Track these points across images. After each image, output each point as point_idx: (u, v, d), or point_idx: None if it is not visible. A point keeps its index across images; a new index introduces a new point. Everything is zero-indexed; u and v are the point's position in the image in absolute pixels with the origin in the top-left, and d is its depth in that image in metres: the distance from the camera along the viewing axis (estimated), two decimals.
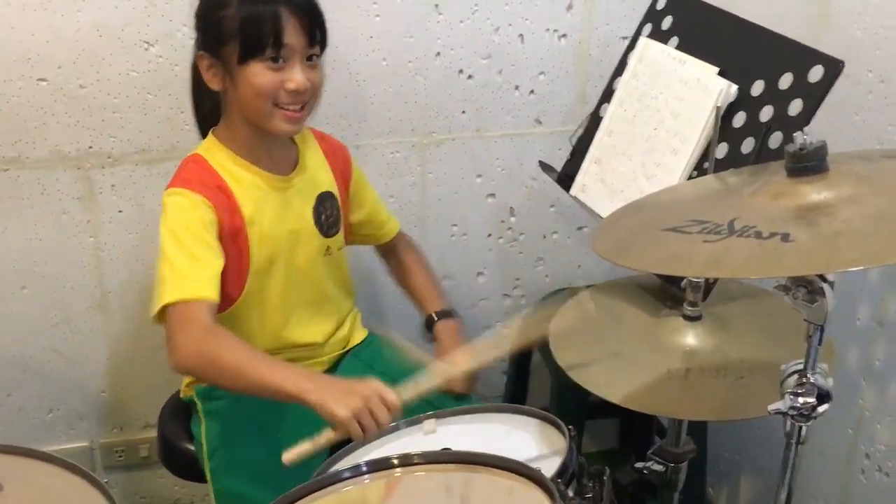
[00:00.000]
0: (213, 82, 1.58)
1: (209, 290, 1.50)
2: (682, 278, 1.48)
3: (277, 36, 1.50)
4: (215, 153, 1.62)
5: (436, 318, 1.79)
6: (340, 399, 1.36)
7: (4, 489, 1.35)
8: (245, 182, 1.61)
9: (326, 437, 1.38)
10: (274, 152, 1.65)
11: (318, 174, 1.73)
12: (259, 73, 1.52)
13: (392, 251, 1.92)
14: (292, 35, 1.52)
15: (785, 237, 1.00)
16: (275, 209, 1.64)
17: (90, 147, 1.92)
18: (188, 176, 1.59)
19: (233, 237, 1.59)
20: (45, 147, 1.89)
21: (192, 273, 1.51)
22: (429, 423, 1.53)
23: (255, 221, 1.61)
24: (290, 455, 1.37)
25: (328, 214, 1.72)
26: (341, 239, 1.77)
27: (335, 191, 1.75)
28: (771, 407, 1.15)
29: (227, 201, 1.58)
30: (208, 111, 1.68)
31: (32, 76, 1.84)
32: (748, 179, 1.25)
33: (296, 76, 1.53)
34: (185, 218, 1.54)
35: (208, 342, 1.46)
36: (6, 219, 1.93)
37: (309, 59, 1.56)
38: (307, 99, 1.57)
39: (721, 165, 1.49)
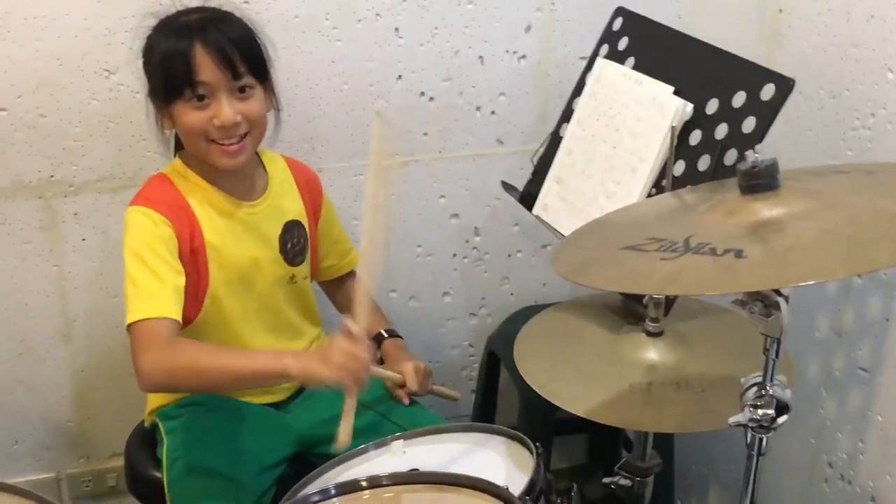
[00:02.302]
0: (165, 125, 1.60)
1: (170, 309, 1.51)
2: (643, 295, 1.50)
3: (190, 75, 1.51)
4: (180, 174, 1.63)
5: (385, 335, 1.83)
6: (322, 363, 1.38)
7: None
8: (208, 205, 1.62)
9: (348, 405, 1.40)
10: (239, 179, 1.66)
11: (286, 202, 1.73)
12: (184, 113, 1.54)
13: (342, 282, 1.92)
14: (209, 72, 1.51)
15: (738, 253, 1.02)
16: (237, 234, 1.64)
17: (52, 176, 1.91)
18: (150, 194, 1.60)
19: (192, 257, 1.59)
20: (5, 177, 1.88)
21: (153, 292, 1.51)
22: (397, 444, 1.53)
23: (215, 245, 1.61)
24: (341, 440, 1.39)
25: (294, 243, 1.72)
26: (307, 268, 1.77)
27: (304, 220, 1.75)
28: (731, 419, 1.17)
29: (188, 221, 1.59)
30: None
31: None
32: (704, 196, 1.27)
33: (221, 112, 1.53)
34: (145, 236, 1.55)
35: (173, 353, 1.47)
36: None
37: (241, 90, 1.55)
38: (244, 131, 1.57)
39: (678, 183, 1.52)
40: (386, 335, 1.84)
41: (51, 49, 1.83)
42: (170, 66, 1.52)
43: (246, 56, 1.55)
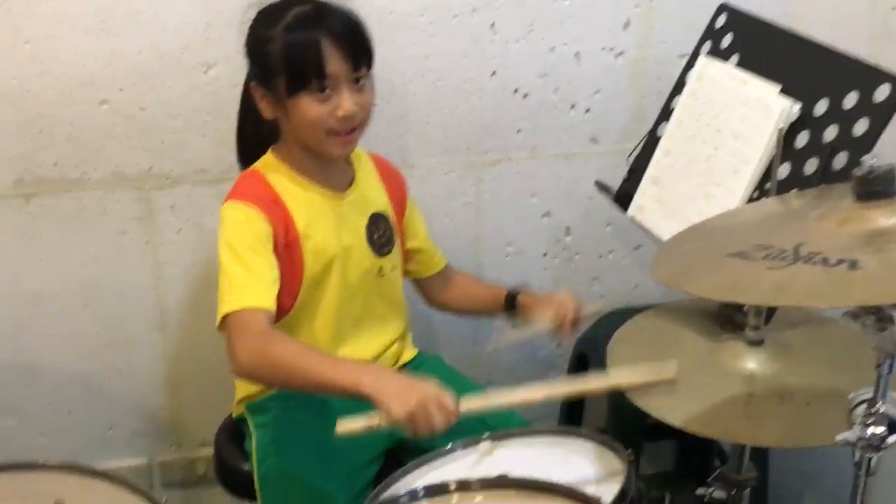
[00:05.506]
0: (267, 111, 1.61)
1: (265, 300, 1.52)
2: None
3: (320, 67, 1.52)
4: (272, 169, 1.65)
5: (515, 293, 1.80)
6: (398, 396, 1.35)
7: None
8: (300, 197, 1.63)
9: (381, 420, 1.37)
10: (330, 171, 1.68)
11: (372, 194, 1.74)
12: (308, 106, 1.54)
13: (443, 279, 1.92)
14: (335, 63, 1.53)
15: (853, 264, 0.97)
16: (329, 224, 1.65)
17: (150, 168, 1.94)
18: (245, 190, 1.62)
19: (287, 249, 1.61)
20: (106, 168, 1.92)
21: (248, 284, 1.53)
22: (485, 445, 1.51)
23: (308, 235, 1.62)
24: (343, 427, 1.36)
25: (381, 234, 1.73)
26: (395, 259, 1.77)
27: (389, 213, 1.76)
28: (839, 437, 1.12)
29: (281, 214, 1.61)
30: (255, 137, 1.70)
31: (94, 99, 1.87)
32: (813, 202, 1.22)
33: (344, 103, 1.55)
34: (240, 230, 1.57)
35: (263, 344, 1.48)
36: (69, 239, 1.96)
37: (356, 81, 1.57)
38: (358, 122, 1.59)
39: (783, 186, 1.46)
40: (515, 292, 1.81)
41: (151, 43, 1.86)
42: (297, 58, 1.53)
43: (363, 47, 1.57)
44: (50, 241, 1.95)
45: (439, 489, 1.28)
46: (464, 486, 1.28)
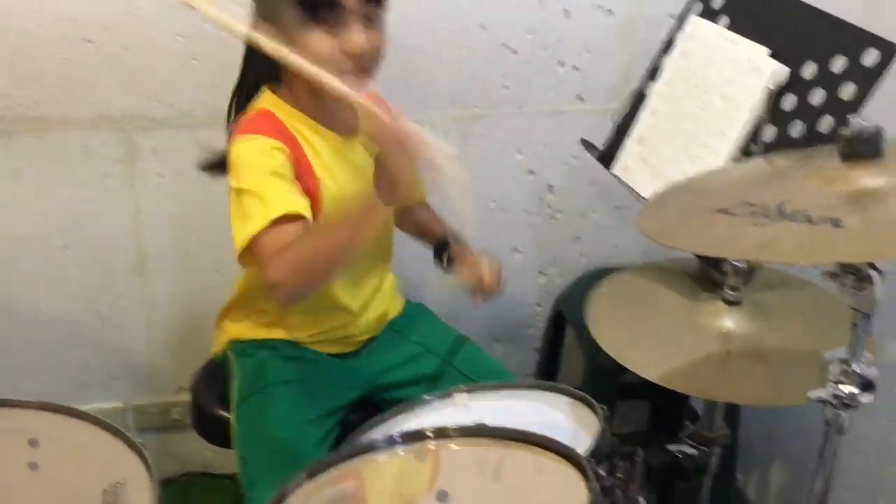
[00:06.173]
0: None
1: (301, 206, 1.43)
2: (722, 262, 1.47)
3: None
4: (280, 110, 1.55)
5: (450, 243, 1.74)
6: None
7: (40, 445, 1.37)
8: (315, 143, 1.56)
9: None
10: (335, 115, 1.60)
11: None
12: (317, 40, 1.45)
13: (408, 210, 1.84)
14: None
15: (836, 222, 0.98)
16: (344, 170, 1.59)
17: (133, 110, 1.92)
18: (258, 125, 1.51)
19: (305, 194, 1.52)
20: (89, 108, 1.90)
21: (279, 194, 1.43)
22: (460, 397, 1.53)
23: (327, 183, 1.56)
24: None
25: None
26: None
27: None
28: (812, 394, 1.14)
29: (299, 156, 1.52)
30: (254, 84, 1.60)
31: (78, 36, 1.85)
32: (798, 163, 1.23)
33: (353, 37, 1.46)
34: (261, 159, 1.46)
35: (285, 254, 1.38)
36: (51, 178, 1.94)
37: (367, 18, 1.49)
38: (369, 64, 1.51)
39: (769, 149, 1.47)
40: (448, 243, 1.74)
41: None
42: None
43: None
44: (31, 180, 1.94)
45: (416, 436, 1.29)
46: (441, 433, 1.29)
